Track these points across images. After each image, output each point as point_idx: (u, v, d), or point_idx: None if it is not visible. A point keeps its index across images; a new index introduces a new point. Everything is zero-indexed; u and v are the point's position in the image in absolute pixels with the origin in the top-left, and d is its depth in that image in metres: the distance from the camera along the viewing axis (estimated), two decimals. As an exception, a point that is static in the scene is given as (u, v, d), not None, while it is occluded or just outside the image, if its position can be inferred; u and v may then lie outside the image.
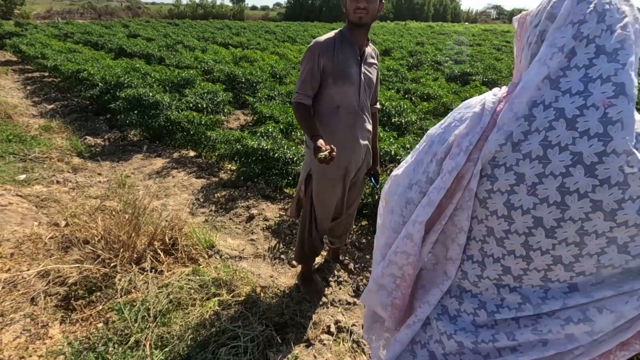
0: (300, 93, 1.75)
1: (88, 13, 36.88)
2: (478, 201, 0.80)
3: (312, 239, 2.09)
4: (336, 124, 1.80)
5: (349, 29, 1.75)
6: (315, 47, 1.71)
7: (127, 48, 10.17)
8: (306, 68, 1.72)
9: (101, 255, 2.07)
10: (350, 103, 1.79)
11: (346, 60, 1.72)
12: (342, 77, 1.72)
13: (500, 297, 0.82)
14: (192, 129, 4.53)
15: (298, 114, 1.76)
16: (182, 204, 3.38)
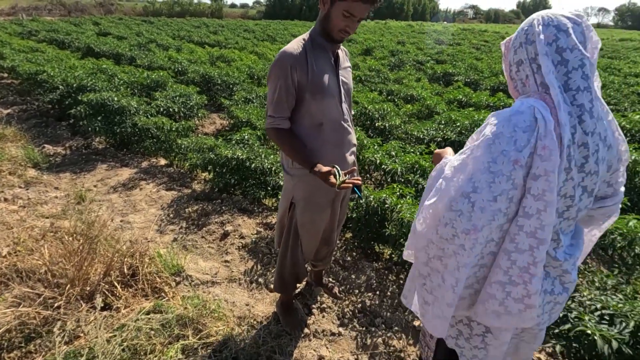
0: (277, 117, 1.49)
1: (57, 10, 35.11)
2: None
3: (296, 267, 1.86)
4: (322, 144, 1.57)
5: (322, 35, 1.49)
6: (285, 59, 1.42)
7: (95, 47, 9.61)
8: (278, 86, 1.44)
9: (43, 294, 1.77)
10: (334, 118, 1.56)
11: (322, 70, 1.49)
12: (321, 91, 1.48)
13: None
14: (162, 135, 4.20)
15: (280, 141, 1.52)
16: (149, 221, 3.08)
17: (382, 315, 2.18)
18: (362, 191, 2.06)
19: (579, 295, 1.90)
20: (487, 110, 4.98)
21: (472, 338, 1.13)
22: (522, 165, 0.88)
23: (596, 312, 1.74)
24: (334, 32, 1.44)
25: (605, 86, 7.27)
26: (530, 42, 0.91)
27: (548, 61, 0.88)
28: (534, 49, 0.91)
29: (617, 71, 9.86)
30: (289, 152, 1.54)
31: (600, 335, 1.55)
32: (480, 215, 0.90)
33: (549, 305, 1.08)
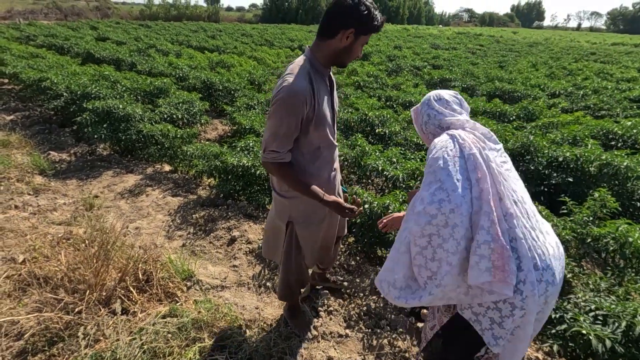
0: (281, 152, 1.47)
1: (53, 13, 35.07)
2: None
3: (302, 274, 1.95)
4: (319, 165, 1.65)
5: (325, 62, 1.50)
6: (299, 97, 1.39)
7: (95, 53, 9.66)
8: (288, 122, 1.42)
9: (64, 299, 1.84)
10: (329, 140, 1.64)
11: (323, 100, 1.52)
12: (324, 121, 1.53)
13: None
14: (167, 142, 4.28)
15: (284, 175, 1.53)
16: (157, 227, 3.15)
17: (386, 317, 2.27)
18: (343, 184, 2.21)
19: (575, 297, 2.01)
20: (484, 116, 5.10)
21: (504, 322, 1.24)
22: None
23: (590, 313, 1.85)
24: (349, 60, 1.51)
25: (598, 92, 7.44)
26: (431, 108, 1.47)
27: (440, 115, 1.44)
28: (433, 111, 1.46)
29: (610, 76, 10.07)
30: (292, 185, 1.56)
31: (595, 335, 1.65)
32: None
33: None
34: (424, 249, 1.27)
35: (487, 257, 1.19)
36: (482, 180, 1.23)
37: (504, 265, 1.18)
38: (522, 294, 1.20)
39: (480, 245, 1.20)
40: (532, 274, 1.20)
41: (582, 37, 43.62)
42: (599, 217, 2.48)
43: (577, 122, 4.83)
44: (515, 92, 6.98)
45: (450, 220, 1.21)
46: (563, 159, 3.46)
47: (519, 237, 1.22)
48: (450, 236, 1.22)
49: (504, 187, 1.26)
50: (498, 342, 1.26)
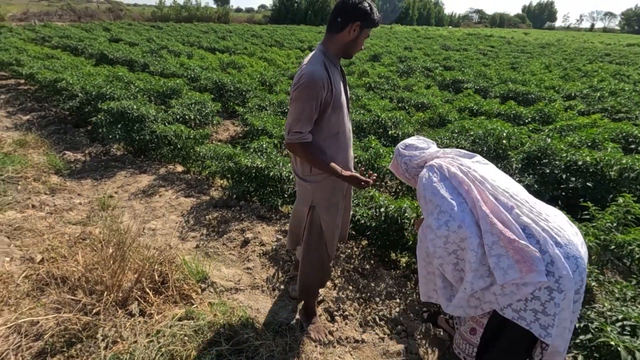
0: (304, 132, 1.63)
1: (67, 15, 35.65)
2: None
3: (324, 265, 2.00)
4: (337, 150, 1.78)
5: (335, 53, 1.70)
6: (316, 82, 1.57)
7: (108, 54, 9.79)
8: (309, 105, 1.59)
9: (82, 300, 1.85)
10: (348, 126, 1.81)
11: (338, 87, 1.71)
12: (339, 105, 1.71)
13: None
14: (180, 143, 4.30)
15: (307, 154, 1.68)
16: (171, 228, 3.16)
17: (402, 322, 2.23)
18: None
19: (599, 305, 1.94)
20: (499, 118, 5.02)
21: (546, 308, 1.27)
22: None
23: (617, 323, 1.79)
24: (355, 51, 1.70)
25: (616, 94, 7.28)
26: (403, 156, 1.67)
27: (414, 158, 1.63)
28: (406, 158, 1.66)
29: (627, 78, 9.86)
30: (315, 163, 1.70)
31: (624, 347, 1.59)
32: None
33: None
34: (456, 265, 1.40)
35: (504, 255, 1.27)
36: (470, 190, 1.38)
37: (524, 256, 1.24)
38: (554, 274, 1.24)
39: (492, 247, 1.30)
40: (558, 253, 1.24)
41: (596, 38, 42.87)
42: (623, 224, 2.41)
43: (594, 124, 4.72)
44: (530, 94, 6.87)
45: (462, 234, 1.34)
46: (582, 163, 3.37)
47: (529, 223, 1.29)
48: (467, 247, 1.34)
49: (492, 187, 1.38)
50: (549, 332, 1.28)
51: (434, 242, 1.40)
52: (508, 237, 1.24)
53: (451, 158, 1.54)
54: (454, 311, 1.47)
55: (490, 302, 1.38)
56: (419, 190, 1.50)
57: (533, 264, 1.21)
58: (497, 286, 1.32)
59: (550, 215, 1.37)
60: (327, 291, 2.46)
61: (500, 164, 3.74)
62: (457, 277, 1.44)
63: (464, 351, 1.62)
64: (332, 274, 2.63)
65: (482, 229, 1.31)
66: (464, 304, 1.44)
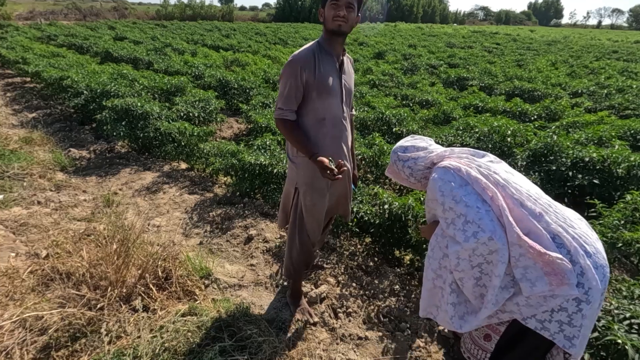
0: (285, 109, 1.72)
1: (72, 14, 35.87)
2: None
3: (304, 247, 2.01)
4: (323, 136, 1.80)
5: (327, 39, 1.73)
6: (296, 61, 1.67)
7: (113, 52, 9.83)
8: (288, 83, 1.69)
9: (86, 295, 1.85)
10: (336, 114, 1.80)
11: (327, 73, 1.72)
12: (326, 90, 1.72)
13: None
14: (184, 140, 4.31)
15: (286, 131, 1.75)
16: (175, 225, 3.16)
17: (406, 320, 2.22)
18: (357, 185, 2.26)
19: (607, 304, 1.92)
20: (504, 115, 4.98)
21: (573, 319, 1.22)
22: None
23: (625, 321, 1.76)
24: (329, 24, 1.66)
25: (623, 91, 7.19)
26: (405, 161, 1.56)
27: (420, 159, 1.52)
28: (410, 162, 1.55)
29: (635, 75, 9.73)
30: (293, 141, 1.76)
31: (632, 345, 1.57)
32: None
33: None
34: (479, 280, 1.31)
35: (532, 267, 1.19)
36: (495, 198, 1.26)
37: (555, 269, 1.16)
38: (584, 286, 1.18)
39: (519, 259, 1.21)
40: (588, 264, 1.18)
41: (603, 35, 42.37)
42: (632, 221, 2.38)
43: (601, 122, 4.66)
44: (536, 91, 6.80)
45: (492, 247, 1.24)
46: (589, 160, 3.33)
47: (559, 232, 1.21)
48: (499, 260, 1.24)
49: (517, 191, 1.27)
50: (573, 342, 1.23)
51: (458, 255, 1.29)
52: (538, 251, 1.17)
53: (466, 158, 1.41)
54: (468, 329, 1.38)
55: (512, 312, 1.31)
56: (434, 196, 1.37)
57: (564, 277, 1.16)
58: (522, 297, 1.25)
59: (574, 220, 1.29)
60: (330, 288, 2.45)
61: (505, 161, 3.69)
62: (477, 293, 1.34)
63: (474, 356, 1.55)
64: (336, 270, 2.62)
65: (509, 241, 1.22)
66: (480, 321, 1.35)
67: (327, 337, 2.09)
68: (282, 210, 2.10)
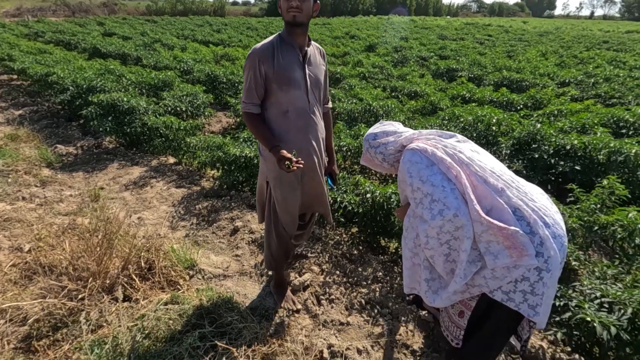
0: (248, 102, 1.73)
1: (61, 10, 35.31)
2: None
3: (281, 240, 2.01)
4: (287, 128, 1.78)
5: (287, 31, 1.72)
6: (253, 54, 1.67)
7: (101, 48, 9.72)
8: (249, 76, 1.69)
9: (68, 286, 1.87)
10: (300, 106, 1.77)
11: (288, 64, 1.70)
12: (287, 82, 1.70)
13: None
14: (171, 134, 4.30)
15: (250, 124, 1.75)
16: (161, 218, 3.17)
17: (388, 306, 2.26)
18: (336, 182, 2.24)
19: (579, 284, 1.97)
20: (491, 105, 5.01)
21: (535, 288, 1.28)
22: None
23: (596, 300, 1.81)
24: (285, 15, 1.64)
25: (610, 80, 7.25)
26: (376, 147, 1.59)
27: (390, 144, 1.55)
28: (381, 147, 1.57)
29: (623, 64, 9.81)
30: (255, 134, 1.76)
31: (600, 322, 1.62)
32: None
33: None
34: (448, 256, 1.36)
35: (494, 241, 1.25)
36: (459, 176, 1.31)
37: (514, 242, 1.22)
38: (544, 255, 1.24)
39: (482, 235, 1.27)
40: (547, 234, 1.23)
41: (595, 26, 42.52)
42: (607, 205, 2.43)
43: (586, 110, 4.71)
44: (524, 81, 6.84)
45: (458, 223, 1.29)
46: (571, 147, 3.38)
47: (520, 205, 1.27)
48: (464, 236, 1.29)
49: (480, 168, 1.32)
50: (537, 311, 1.29)
51: (426, 233, 1.35)
52: (498, 226, 1.22)
53: (434, 139, 1.46)
54: (440, 304, 1.44)
55: (480, 286, 1.36)
56: (404, 178, 1.41)
57: (524, 249, 1.22)
58: (488, 270, 1.31)
59: (535, 194, 1.35)
60: (314, 276, 2.48)
61: (490, 149, 3.74)
62: (447, 269, 1.39)
63: (452, 333, 1.60)
64: (320, 259, 2.65)
65: (472, 218, 1.28)
66: (450, 294, 1.41)
67: (310, 324, 2.13)
68: (258, 204, 2.10)
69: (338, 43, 14.15)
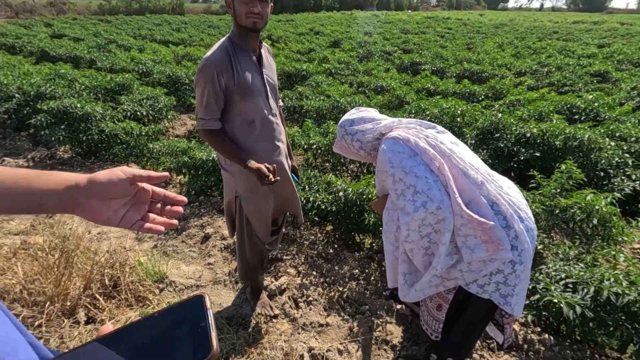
0: (207, 119, 1.57)
1: (2, 11, 32.67)
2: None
3: (256, 250, 1.95)
4: (255, 139, 1.69)
5: (240, 35, 1.57)
6: (209, 66, 1.50)
7: (50, 51, 9.07)
8: (206, 91, 1.52)
9: (22, 314, 1.72)
10: (264, 115, 1.68)
11: (247, 72, 1.58)
12: (249, 92, 1.59)
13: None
14: (132, 141, 4.08)
15: (213, 142, 1.60)
16: (126, 230, 3.00)
17: (366, 302, 2.26)
18: (299, 176, 2.19)
19: (545, 267, 2.05)
20: (454, 97, 5.15)
21: (508, 279, 1.30)
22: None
23: (561, 281, 1.90)
24: (243, 21, 1.50)
25: (561, 68, 7.68)
26: (353, 134, 1.52)
27: (367, 132, 1.49)
28: (358, 134, 1.51)
29: (572, 53, 10.41)
30: (221, 151, 1.62)
31: (566, 303, 1.69)
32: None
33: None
34: (427, 249, 1.34)
35: (472, 235, 1.26)
36: (442, 168, 1.29)
37: (491, 237, 1.23)
38: (518, 248, 1.26)
39: (460, 228, 1.27)
40: (521, 228, 1.26)
41: (545, 17, 44.93)
42: (566, 189, 2.55)
43: (542, 98, 4.95)
44: (483, 73, 7.09)
45: (440, 215, 1.27)
46: (530, 135, 3.53)
47: (498, 199, 1.27)
48: (445, 229, 1.28)
49: (462, 161, 1.31)
50: (508, 300, 1.30)
51: (408, 226, 1.31)
52: (477, 220, 1.23)
53: (414, 129, 1.42)
54: (414, 297, 1.43)
55: (456, 279, 1.36)
56: (384, 167, 1.36)
57: (500, 243, 1.23)
58: (464, 263, 1.32)
59: (509, 187, 1.36)
60: (290, 279, 2.44)
61: (456, 141, 3.83)
62: (425, 262, 1.38)
63: (431, 327, 1.61)
64: (296, 261, 2.61)
65: (454, 211, 1.27)
66: (426, 287, 1.40)
67: (289, 328, 2.09)
68: (228, 219, 1.98)
69: (303, 39, 14.06)
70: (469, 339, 1.52)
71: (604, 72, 6.90)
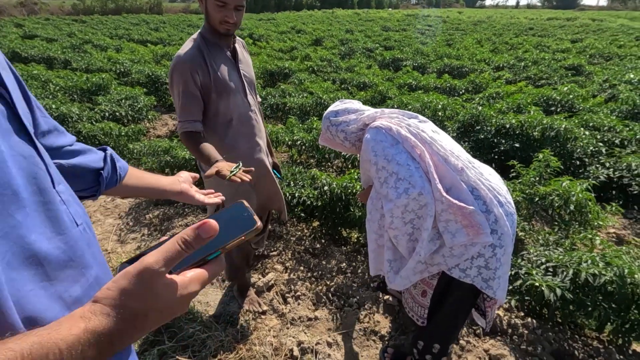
0: (187, 121, 1.49)
1: (-31, 12, 31.30)
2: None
3: (242, 251, 1.96)
4: (235, 137, 1.64)
5: (212, 32, 1.52)
6: (182, 64, 1.44)
7: (22, 52, 8.75)
8: (181, 92, 1.46)
9: None
10: (242, 112, 1.65)
11: (223, 69, 1.53)
12: (226, 89, 1.54)
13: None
14: (111, 142, 3.98)
15: (190, 145, 1.48)
16: (107, 232, 2.93)
17: (354, 295, 2.27)
18: (280, 172, 2.16)
19: (527, 252, 2.11)
20: (435, 91, 5.23)
21: (489, 263, 1.32)
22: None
23: (542, 265, 1.95)
24: (216, 25, 1.47)
25: (538, 63, 7.89)
26: (337, 125, 1.53)
27: (351, 122, 1.50)
28: (342, 125, 1.52)
29: (547, 48, 10.72)
30: (197, 155, 1.49)
31: (547, 286, 1.74)
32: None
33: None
34: (411, 235, 1.36)
35: (452, 220, 1.28)
36: (423, 155, 1.31)
37: (471, 221, 1.25)
38: (498, 232, 1.29)
39: (442, 214, 1.29)
40: (501, 212, 1.28)
41: (521, 14, 46.09)
42: (544, 177, 2.62)
43: (520, 91, 5.08)
44: (463, 68, 7.22)
45: (422, 201, 1.30)
46: (509, 126, 3.62)
47: (477, 184, 1.30)
48: (427, 214, 1.30)
49: (443, 149, 1.34)
50: (489, 284, 1.33)
51: (392, 213, 1.34)
52: (457, 205, 1.25)
53: (397, 118, 1.44)
54: (400, 284, 1.45)
55: (439, 264, 1.39)
56: (368, 156, 1.38)
57: (480, 228, 1.26)
58: (446, 248, 1.34)
59: (489, 174, 1.40)
60: (278, 275, 2.43)
61: (438, 134, 3.90)
62: (410, 248, 1.40)
63: (417, 313, 1.63)
64: (283, 257, 2.60)
65: (434, 197, 1.29)
66: (410, 274, 1.42)
67: (277, 323, 2.08)
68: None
69: (285, 38, 13.99)
70: (453, 324, 1.54)
71: (578, 66, 7.13)
